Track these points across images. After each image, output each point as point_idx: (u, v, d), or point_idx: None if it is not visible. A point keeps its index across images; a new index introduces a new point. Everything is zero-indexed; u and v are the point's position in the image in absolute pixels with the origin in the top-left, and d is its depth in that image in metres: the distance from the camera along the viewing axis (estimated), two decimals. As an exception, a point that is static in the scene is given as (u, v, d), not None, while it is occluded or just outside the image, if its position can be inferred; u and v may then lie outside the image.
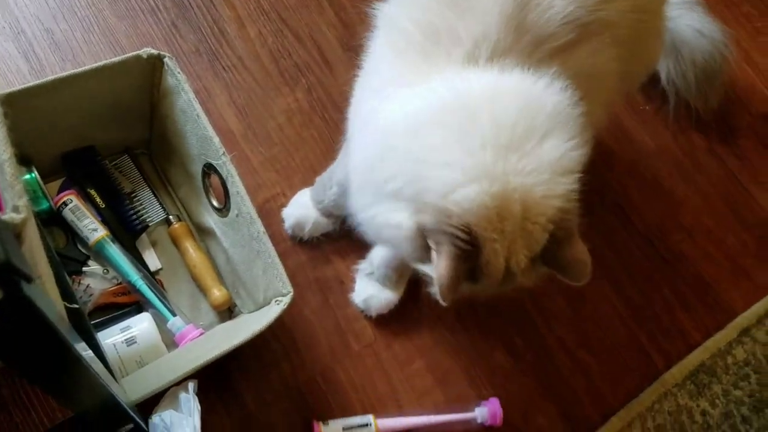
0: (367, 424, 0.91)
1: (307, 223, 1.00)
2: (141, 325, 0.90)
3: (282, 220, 1.02)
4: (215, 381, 0.94)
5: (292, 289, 0.84)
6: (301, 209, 1.01)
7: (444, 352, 0.99)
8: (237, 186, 0.85)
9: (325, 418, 0.93)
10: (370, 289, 0.98)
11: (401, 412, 0.95)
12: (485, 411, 0.93)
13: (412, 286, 1.00)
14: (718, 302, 1.02)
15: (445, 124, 0.65)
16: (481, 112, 0.64)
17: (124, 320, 0.91)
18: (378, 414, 0.94)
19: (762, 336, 0.99)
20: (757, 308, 1.00)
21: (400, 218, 0.67)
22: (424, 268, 0.69)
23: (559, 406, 0.97)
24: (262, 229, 0.84)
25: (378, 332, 0.99)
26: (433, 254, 0.64)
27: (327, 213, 0.99)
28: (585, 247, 0.66)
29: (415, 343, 0.99)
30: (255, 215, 0.84)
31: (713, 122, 1.11)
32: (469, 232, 0.63)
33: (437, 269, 0.63)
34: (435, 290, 0.64)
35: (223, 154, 0.85)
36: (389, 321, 0.99)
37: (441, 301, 0.64)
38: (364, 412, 0.95)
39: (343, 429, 0.91)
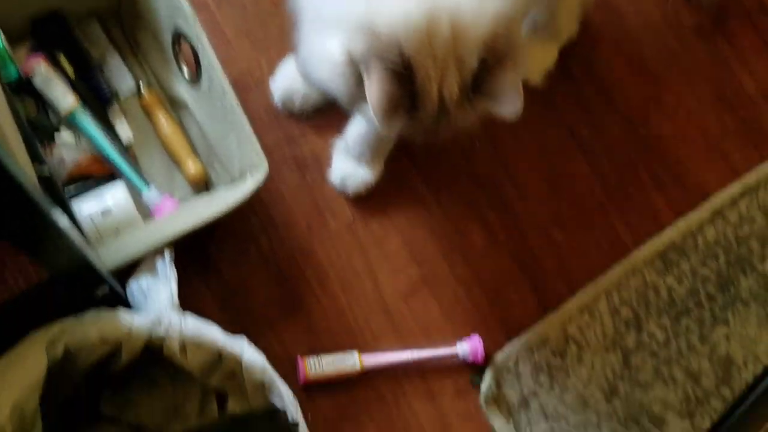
0: (351, 361, 0.93)
1: (296, 94, 0.96)
2: (116, 195, 0.90)
3: (270, 93, 1.00)
4: (192, 254, 0.95)
5: (267, 163, 0.84)
6: (288, 80, 0.97)
7: (421, 231, 1.00)
8: (209, 55, 0.83)
9: (303, 291, 0.96)
10: (346, 168, 0.97)
11: (378, 287, 0.98)
12: (466, 347, 0.95)
13: (390, 165, 1.00)
14: (693, 183, 1.03)
15: None
16: None
17: (98, 191, 0.90)
18: (353, 289, 0.97)
19: (734, 217, 1.01)
20: (731, 189, 1.02)
21: (332, 48, 0.65)
22: (362, 112, 0.68)
23: (530, 281, 1.00)
24: (235, 101, 0.82)
25: (356, 211, 1.00)
26: (365, 78, 0.62)
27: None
28: (518, 78, 0.64)
29: (393, 222, 1.00)
30: (228, 86, 0.83)
31: (706, 3, 1.08)
32: (400, 53, 0.61)
33: (369, 93, 0.61)
34: (373, 118, 0.62)
35: (194, 20, 0.82)
36: (367, 200, 1.00)
37: (381, 129, 0.63)
38: (342, 287, 0.97)
39: (326, 365, 0.93)
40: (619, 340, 0.97)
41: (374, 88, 0.62)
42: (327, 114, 1.01)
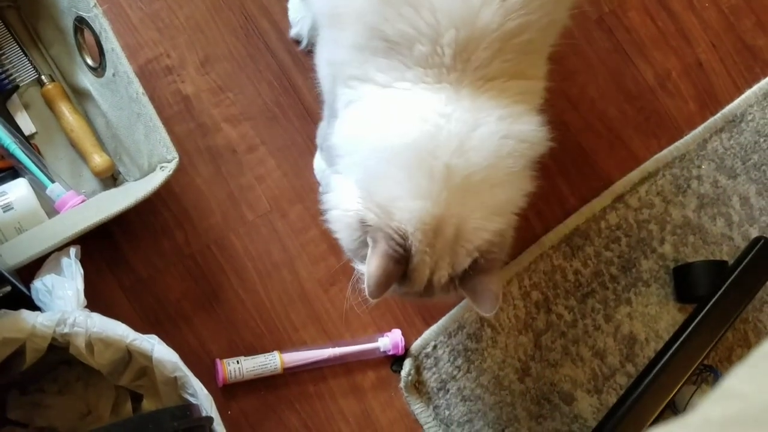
0: (273, 364, 0.92)
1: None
2: (17, 190, 0.86)
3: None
4: (102, 249, 0.92)
5: (177, 155, 0.82)
6: (324, 175, 0.97)
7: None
8: (112, 42, 0.80)
9: (221, 284, 0.95)
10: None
11: (297, 278, 0.97)
12: (387, 342, 0.96)
13: (308, 156, 1.00)
14: (596, 170, 1.08)
15: (414, 149, 0.67)
16: (447, 157, 0.67)
17: (-2, 186, 0.86)
18: (273, 281, 0.97)
19: (634, 202, 1.06)
20: (632, 176, 1.06)
21: (350, 201, 0.72)
22: (357, 265, 0.75)
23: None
24: (140, 89, 0.80)
25: (273, 202, 0.99)
26: (369, 250, 0.68)
27: None
28: (500, 284, 0.75)
29: (311, 212, 1.00)
30: (132, 74, 0.80)
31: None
32: (405, 238, 0.68)
33: (369, 265, 0.68)
34: (364, 286, 0.68)
35: (95, 5, 0.79)
36: (284, 190, 0.99)
37: (369, 298, 0.69)
38: (260, 278, 0.97)
39: (247, 370, 0.92)
40: (531, 322, 1.00)
41: (374, 262, 0.67)
42: (240, 105, 1.00)
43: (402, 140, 0.68)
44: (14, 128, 0.89)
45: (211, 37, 1.00)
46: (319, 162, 0.98)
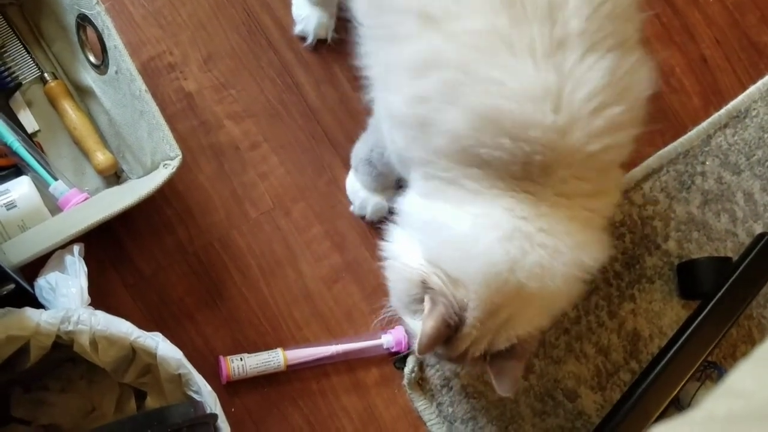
0: (276, 361, 0.93)
1: (368, 205, 0.99)
2: (20, 188, 0.86)
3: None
4: (106, 247, 0.92)
5: (180, 152, 0.82)
6: (358, 196, 0.99)
7: (341, 219, 1.00)
8: (114, 39, 0.80)
9: (224, 282, 0.95)
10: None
11: (300, 275, 0.97)
12: (391, 338, 0.96)
13: (310, 153, 1.00)
14: (600, 166, 1.08)
15: (493, 265, 0.70)
16: (524, 278, 0.69)
17: (1, 184, 0.86)
18: (276, 278, 0.97)
19: (638, 198, 1.06)
20: (635, 172, 1.06)
21: (412, 258, 0.74)
22: (406, 319, 0.77)
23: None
24: (143, 87, 0.80)
25: (276, 199, 0.99)
26: (426, 307, 0.71)
27: (376, 186, 0.97)
28: (522, 371, 0.79)
29: (314, 210, 1.00)
30: (135, 72, 0.80)
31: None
32: (463, 310, 0.71)
33: (425, 324, 0.70)
34: (415, 342, 0.71)
35: (97, 3, 0.79)
36: (287, 187, 0.99)
37: (417, 354, 0.73)
38: (263, 276, 0.97)
39: (250, 367, 0.92)
40: (534, 319, 1.00)
41: (431, 323, 0.70)
42: (243, 102, 1.00)
43: (482, 253, 0.70)
44: (17, 126, 0.89)
45: (214, 34, 1.00)
46: (352, 183, 0.99)
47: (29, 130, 0.91)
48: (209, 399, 0.72)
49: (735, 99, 1.12)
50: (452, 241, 0.73)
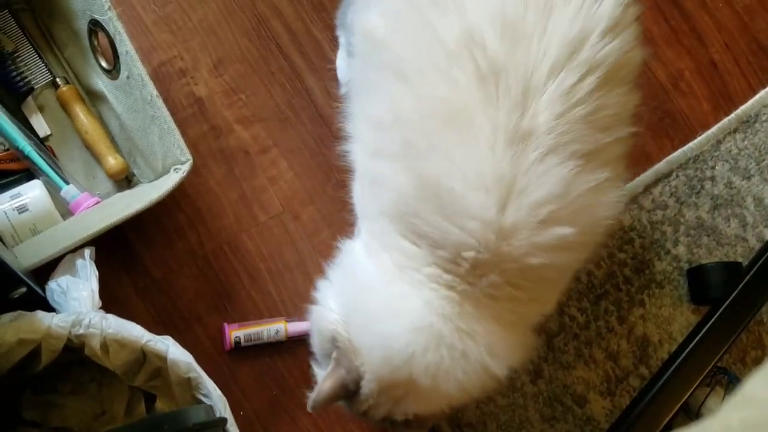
0: (276, 330, 0.93)
1: None
2: (32, 192, 0.87)
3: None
4: (116, 250, 0.93)
5: (191, 157, 0.83)
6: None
7: (350, 223, 1.00)
8: (126, 45, 0.80)
9: (233, 285, 0.95)
10: None
11: (309, 279, 0.98)
12: None
13: (317, 158, 1.00)
14: (609, 171, 1.07)
15: (400, 344, 0.68)
16: (425, 362, 0.68)
17: (13, 188, 0.87)
18: (285, 282, 0.97)
19: (648, 203, 1.05)
20: (645, 177, 1.06)
21: (333, 305, 0.74)
22: (315, 367, 0.78)
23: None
24: (155, 92, 0.80)
25: (285, 203, 0.99)
26: (330, 367, 0.71)
27: None
28: None
29: (323, 214, 1.00)
30: (147, 77, 0.80)
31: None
32: (361, 378, 0.70)
33: (324, 382, 0.70)
34: (312, 395, 0.71)
35: (109, 8, 0.80)
36: (296, 192, 1.00)
37: (308, 407, 0.71)
38: (272, 279, 0.97)
39: (253, 337, 0.93)
40: (543, 323, 1.00)
41: (328, 384, 0.70)
42: (253, 106, 1.00)
43: (384, 336, 0.70)
44: (29, 130, 0.90)
45: (224, 39, 1.01)
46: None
47: (41, 135, 0.92)
48: (219, 403, 0.73)
49: (745, 103, 1.12)
50: (363, 310, 0.72)
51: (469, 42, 0.64)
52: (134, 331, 0.73)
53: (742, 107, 1.11)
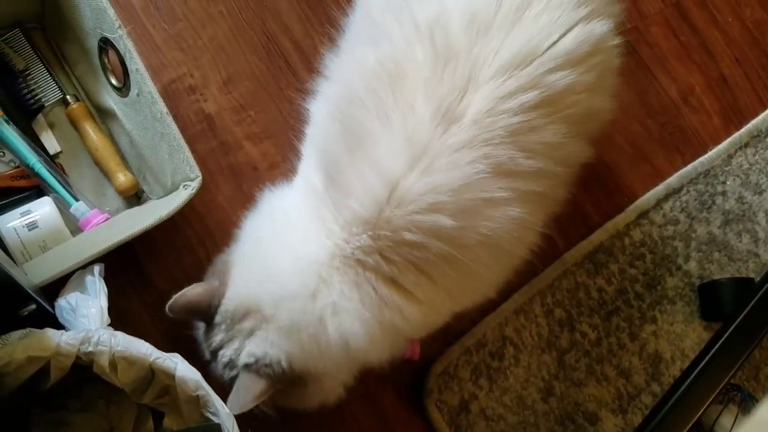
0: None
1: None
2: (42, 209, 0.87)
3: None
4: (125, 267, 0.93)
5: (200, 174, 0.82)
6: None
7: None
8: (136, 62, 0.80)
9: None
10: None
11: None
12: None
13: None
14: (619, 186, 1.07)
15: (278, 272, 0.72)
16: (288, 305, 0.71)
17: (23, 205, 0.87)
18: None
19: (659, 218, 1.05)
20: (656, 192, 1.05)
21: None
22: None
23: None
24: (165, 109, 0.80)
25: (293, 218, 0.99)
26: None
27: None
28: (256, 396, 0.74)
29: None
30: (156, 94, 0.81)
31: (625, 9, 1.12)
32: (219, 299, 0.75)
33: (191, 288, 0.76)
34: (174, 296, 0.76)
35: (119, 27, 0.80)
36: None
37: (167, 306, 0.75)
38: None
39: None
40: (554, 340, 0.99)
41: (195, 290, 0.75)
42: (262, 123, 1.00)
43: (269, 250, 0.74)
44: (39, 147, 0.90)
45: (234, 56, 1.01)
46: None
47: (51, 152, 0.92)
48: (227, 421, 0.72)
49: (755, 118, 1.11)
50: (254, 235, 0.77)
51: (435, 23, 0.69)
52: (143, 349, 0.73)
53: (753, 122, 1.11)
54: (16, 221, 0.85)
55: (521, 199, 0.69)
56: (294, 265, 0.71)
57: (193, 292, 0.73)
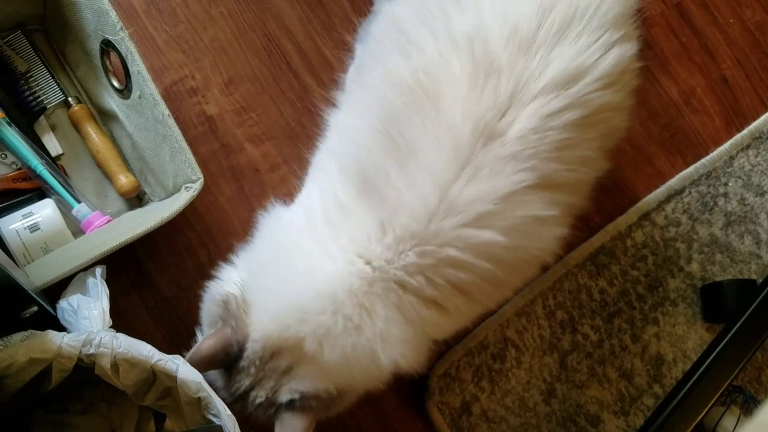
0: None
1: None
2: (44, 211, 0.87)
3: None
4: (127, 269, 0.93)
5: (202, 176, 0.83)
6: None
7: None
8: (138, 65, 0.80)
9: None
10: None
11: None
12: None
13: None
14: (621, 188, 1.07)
15: (302, 302, 0.69)
16: (319, 333, 0.68)
17: (25, 206, 0.87)
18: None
19: (661, 220, 1.05)
20: (658, 193, 1.05)
21: (229, 280, 0.75)
22: (198, 335, 0.77)
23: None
24: (166, 111, 0.81)
25: (295, 220, 0.99)
26: (211, 331, 0.71)
27: None
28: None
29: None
30: (158, 97, 0.81)
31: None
32: (245, 340, 0.70)
33: (205, 340, 0.70)
34: (190, 352, 0.71)
35: (121, 29, 0.80)
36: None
37: (187, 359, 0.71)
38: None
39: None
40: (556, 342, 0.99)
41: (210, 341, 0.70)
42: (263, 125, 1.00)
43: (282, 291, 0.70)
44: (41, 149, 0.90)
45: (235, 58, 1.01)
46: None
47: (53, 154, 0.92)
48: (228, 423, 0.72)
49: (757, 119, 1.11)
50: (272, 262, 0.72)
51: (474, 35, 0.68)
52: (144, 351, 0.73)
53: (755, 123, 1.11)
54: (17, 223, 0.85)
55: (563, 214, 0.71)
56: (331, 300, 0.68)
57: (205, 345, 0.70)
